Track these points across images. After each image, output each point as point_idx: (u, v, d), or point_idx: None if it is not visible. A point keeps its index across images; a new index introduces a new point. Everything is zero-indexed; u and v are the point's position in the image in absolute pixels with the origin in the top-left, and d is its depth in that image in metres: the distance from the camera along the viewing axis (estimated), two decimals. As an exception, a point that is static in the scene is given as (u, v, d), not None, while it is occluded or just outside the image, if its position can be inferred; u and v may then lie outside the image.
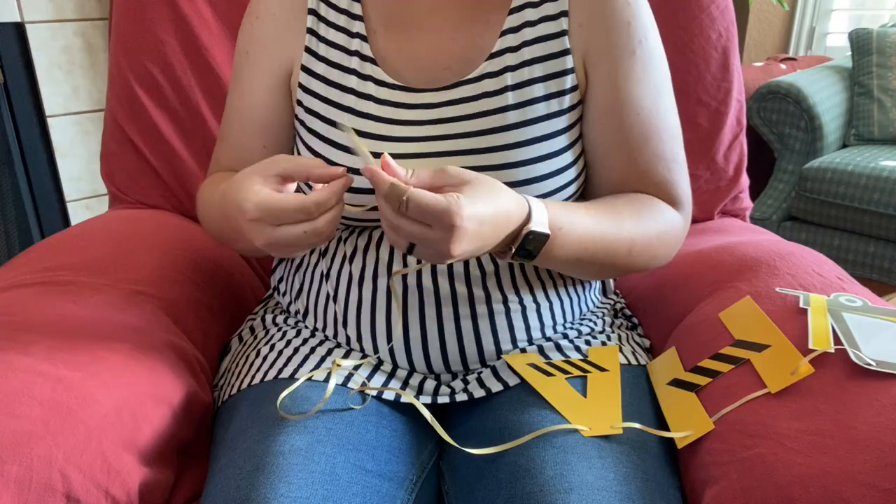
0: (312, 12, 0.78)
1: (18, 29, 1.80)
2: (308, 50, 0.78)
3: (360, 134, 0.73)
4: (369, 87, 0.75)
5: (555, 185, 0.73)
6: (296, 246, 0.64)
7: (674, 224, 0.77)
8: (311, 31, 0.78)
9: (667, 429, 0.68)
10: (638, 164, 0.75)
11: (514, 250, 0.65)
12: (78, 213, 2.01)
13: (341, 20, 0.78)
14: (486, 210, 0.59)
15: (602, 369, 0.72)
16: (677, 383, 0.72)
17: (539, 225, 0.64)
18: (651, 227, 0.73)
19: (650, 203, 0.75)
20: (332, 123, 0.75)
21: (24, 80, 1.84)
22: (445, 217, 0.56)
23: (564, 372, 0.71)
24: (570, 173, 0.75)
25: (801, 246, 0.87)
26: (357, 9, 0.78)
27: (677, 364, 0.75)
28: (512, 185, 0.71)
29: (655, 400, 0.73)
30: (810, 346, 0.64)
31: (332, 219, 0.63)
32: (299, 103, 0.79)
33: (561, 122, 0.73)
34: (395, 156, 0.72)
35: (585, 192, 0.80)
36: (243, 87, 0.82)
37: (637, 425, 0.65)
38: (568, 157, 0.74)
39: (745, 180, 1.15)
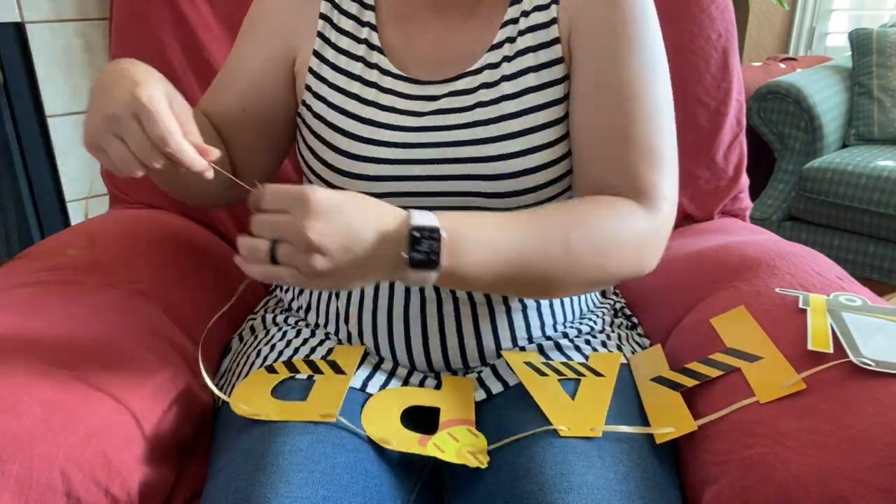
0: None
1: (18, 29, 1.79)
2: (321, 35, 0.78)
3: (364, 121, 0.74)
4: (374, 76, 0.76)
5: (551, 176, 0.73)
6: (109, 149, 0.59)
7: (634, 228, 0.66)
8: (325, 17, 0.79)
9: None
10: (608, 149, 0.69)
11: (406, 256, 0.57)
12: (78, 213, 2.01)
13: (353, 8, 0.78)
14: (344, 197, 0.57)
15: (598, 374, 0.72)
16: (661, 381, 0.72)
17: (424, 219, 0.58)
18: (596, 234, 0.64)
19: (604, 206, 0.67)
20: (339, 110, 0.76)
21: (24, 80, 1.84)
22: (300, 196, 0.55)
23: (559, 373, 0.72)
24: (567, 164, 0.74)
25: (800, 246, 0.87)
26: None
27: (662, 361, 0.75)
28: (509, 175, 0.71)
29: None
30: (809, 346, 0.64)
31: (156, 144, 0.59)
32: (308, 88, 0.79)
33: (556, 111, 0.73)
34: (396, 144, 0.73)
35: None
36: (242, 51, 0.81)
37: (622, 428, 0.65)
38: (563, 148, 0.74)
39: (745, 180, 1.15)
